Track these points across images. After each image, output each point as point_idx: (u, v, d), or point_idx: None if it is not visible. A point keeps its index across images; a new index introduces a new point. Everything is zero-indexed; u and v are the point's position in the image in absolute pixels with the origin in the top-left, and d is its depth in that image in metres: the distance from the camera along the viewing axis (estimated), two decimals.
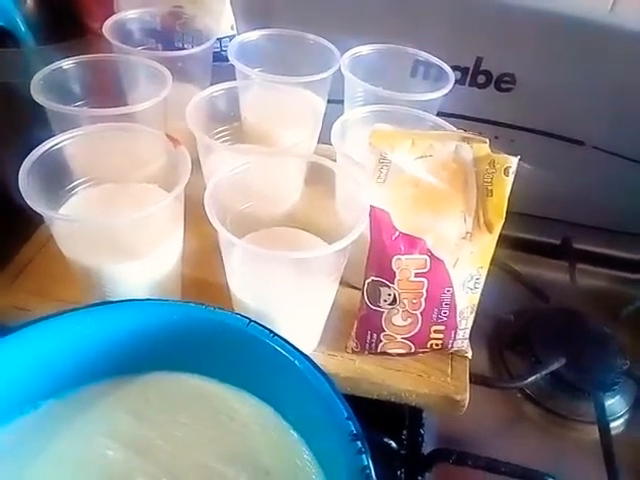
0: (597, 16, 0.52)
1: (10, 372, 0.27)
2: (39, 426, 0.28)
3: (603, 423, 0.44)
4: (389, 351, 0.38)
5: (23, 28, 0.51)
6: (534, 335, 0.50)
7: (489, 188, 0.35)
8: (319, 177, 0.37)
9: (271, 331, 0.28)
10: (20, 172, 0.32)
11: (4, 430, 0.28)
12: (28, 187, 0.32)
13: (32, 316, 0.27)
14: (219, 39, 0.50)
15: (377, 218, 0.34)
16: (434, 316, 0.37)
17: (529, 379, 0.46)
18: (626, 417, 0.47)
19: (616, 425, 0.46)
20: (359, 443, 0.23)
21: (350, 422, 0.24)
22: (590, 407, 0.46)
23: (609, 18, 0.52)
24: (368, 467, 0.23)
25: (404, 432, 0.41)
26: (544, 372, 0.46)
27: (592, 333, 0.51)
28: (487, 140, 0.36)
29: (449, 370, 0.39)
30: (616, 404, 0.47)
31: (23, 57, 0.51)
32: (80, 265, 0.35)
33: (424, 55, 0.48)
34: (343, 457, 0.24)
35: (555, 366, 0.47)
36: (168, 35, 0.50)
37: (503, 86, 0.56)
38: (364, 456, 0.23)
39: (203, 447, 0.29)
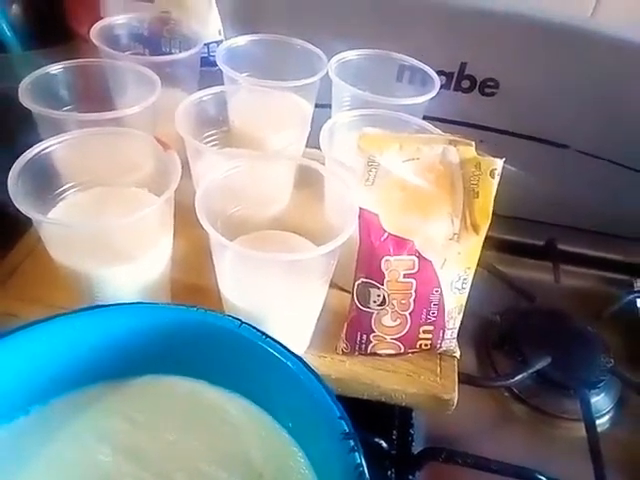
0: (579, 21, 0.53)
1: None
2: (30, 432, 0.28)
3: (589, 420, 0.45)
4: (379, 352, 0.39)
5: (9, 33, 0.51)
6: (520, 335, 0.51)
7: (475, 190, 0.35)
8: (308, 180, 0.38)
9: (263, 333, 0.28)
10: (9, 176, 0.32)
11: None
12: (17, 191, 0.31)
13: (21, 322, 0.27)
14: (207, 44, 0.50)
15: (366, 220, 0.35)
16: (423, 316, 0.37)
17: (516, 378, 0.46)
18: (611, 414, 0.48)
19: (602, 422, 0.47)
20: (352, 442, 0.24)
21: (342, 421, 0.24)
22: (576, 405, 0.46)
23: (590, 23, 0.53)
24: (361, 465, 0.23)
25: (394, 432, 0.41)
26: (530, 371, 0.47)
27: (577, 332, 0.52)
28: (473, 143, 0.36)
29: (438, 370, 0.39)
30: (601, 401, 0.48)
31: (9, 62, 0.51)
32: (69, 269, 0.35)
33: (410, 60, 0.49)
34: (336, 456, 0.24)
35: (541, 365, 0.47)
36: (155, 40, 0.50)
37: (487, 90, 0.57)
38: (357, 454, 0.23)
39: (195, 450, 0.28)
